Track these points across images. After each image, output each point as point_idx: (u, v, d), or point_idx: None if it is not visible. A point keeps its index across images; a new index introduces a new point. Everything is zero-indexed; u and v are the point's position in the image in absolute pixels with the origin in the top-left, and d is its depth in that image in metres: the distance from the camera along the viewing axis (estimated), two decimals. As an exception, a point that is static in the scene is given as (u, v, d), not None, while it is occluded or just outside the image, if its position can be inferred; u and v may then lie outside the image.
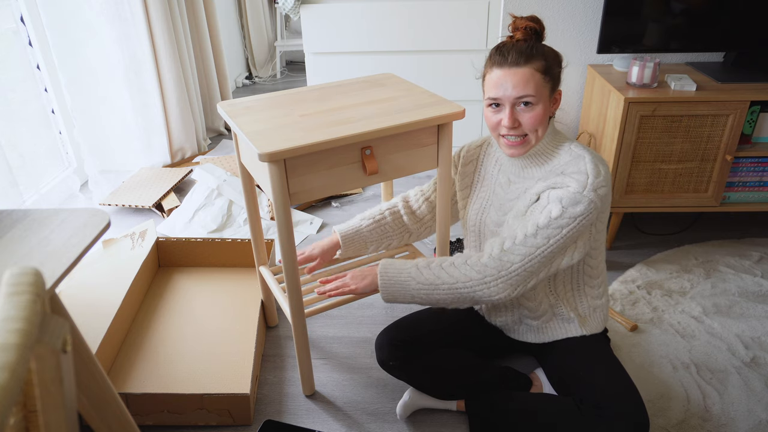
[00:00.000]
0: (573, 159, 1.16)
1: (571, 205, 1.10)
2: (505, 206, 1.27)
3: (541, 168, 1.22)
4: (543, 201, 1.15)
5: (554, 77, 1.16)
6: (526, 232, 1.13)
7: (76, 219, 0.91)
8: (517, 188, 1.25)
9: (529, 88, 1.13)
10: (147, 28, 2.56)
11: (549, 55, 1.15)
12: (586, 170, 1.12)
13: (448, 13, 2.46)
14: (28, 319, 0.50)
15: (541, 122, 1.16)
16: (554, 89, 1.17)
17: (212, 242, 1.84)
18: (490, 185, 1.33)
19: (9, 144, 2.18)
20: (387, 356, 1.31)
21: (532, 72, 1.12)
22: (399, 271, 1.19)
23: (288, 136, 1.14)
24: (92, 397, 0.97)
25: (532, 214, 1.16)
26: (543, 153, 1.21)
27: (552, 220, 1.11)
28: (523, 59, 1.12)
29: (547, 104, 1.16)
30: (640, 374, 1.49)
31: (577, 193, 1.10)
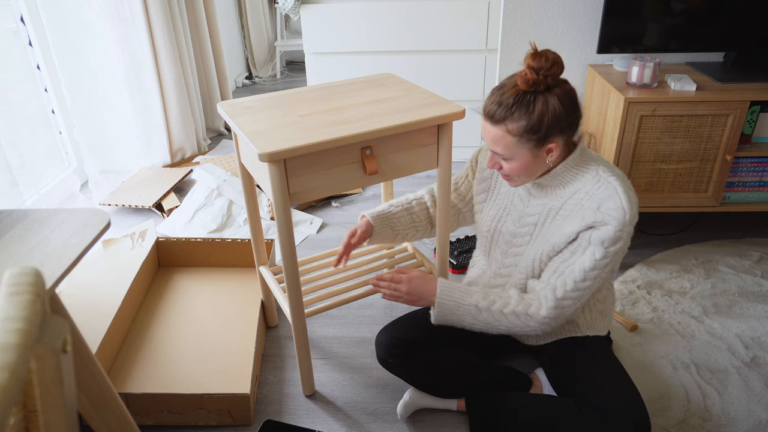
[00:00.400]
0: (603, 188, 1.13)
1: (612, 245, 1.11)
2: (524, 219, 1.26)
3: (565, 189, 1.19)
4: (584, 242, 1.14)
5: (540, 136, 1.10)
6: (575, 278, 1.15)
7: (76, 219, 0.91)
8: (538, 204, 1.23)
9: (498, 147, 1.14)
10: (147, 28, 2.56)
11: (537, 115, 1.08)
12: (622, 205, 1.09)
13: (448, 13, 2.46)
14: (28, 319, 0.50)
15: (521, 172, 1.16)
16: (541, 144, 1.12)
17: (212, 242, 1.84)
18: (508, 194, 1.31)
19: (9, 144, 2.18)
20: (387, 354, 1.31)
21: (503, 134, 1.11)
22: (458, 305, 1.20)
23: (288, 136, 1.14)
24: (92, 397, 0.97)
25: (574, 254, 1.16)
26: (563, 176, 1.18)
27: (596, 262, 1.13)
28: (499, 117, 1.10)
29: (527, 159, 1.13)
30: (640, 374, 1.49)
31: (617, 231, 1.10)
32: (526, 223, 1.26)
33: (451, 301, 1.20)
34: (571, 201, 1.18)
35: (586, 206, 1.15)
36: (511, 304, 1.19)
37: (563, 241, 1.17)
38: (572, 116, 1.12)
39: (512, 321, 1.19)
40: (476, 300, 1.20)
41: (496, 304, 1.19)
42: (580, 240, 1.15)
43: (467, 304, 1.20)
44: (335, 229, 2.25)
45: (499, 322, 1.19)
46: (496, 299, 1.20)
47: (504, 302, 1.20)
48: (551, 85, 1.09)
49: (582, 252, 1.14)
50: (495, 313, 1.19)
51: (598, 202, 1.13)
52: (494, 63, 2.53)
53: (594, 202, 1.13)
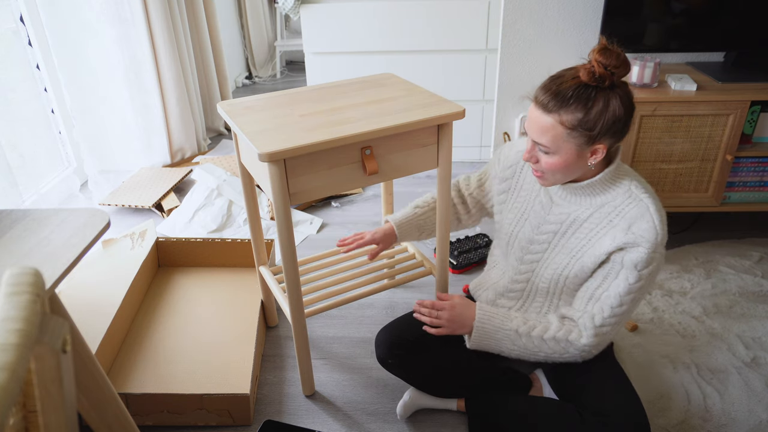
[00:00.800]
0: (635, 206, 1.09)
1: (645, 267, 1.08)
2: (543, 227, 1.22)
3: (593, 199, 1.15)
4: (616, 266, 1.11)
5: (592, 133, 1.04)
6: (611, 304, 1.12)
7: (75, 219, 0.91)
8: (561, 212, 1.19)
9: (544, 138, 1.07)
10: (147, 28, 2.56)
11: (596, 112, 1.02)
12: (654, 226, 1.06)
13: (448, 13, 2.46)
14: (27, 319, 0.50)
15: (559, 170, 1.10)
16: (590, 143, 1.06)
17: (212, 242, 1.84)
18: (528, 199, 1.27)
19: (9, 144, 2.18)
20: (387, 354, 1.31)
21: (554, 124, 1.05)
22: (497, 330, 1.18)
23: (288, 136, 1.14)
24: (92, 397, 0.97)
25: (607, 279, 1.13)
26: (595, 186, 1.14)
27: (631, 286, 1.10)
28: (553, 105, 1.04)
29: (571, 157, 1.07)
30: (641, 374, 1.49)
31: (650, 253, 1.06)
32: (545, 231, 1.22)
33: (491, 326, 1.18)
34: (597, 214, 1.14)
35: (615, 224, 1.11)
36: (551, 330, 1.16)
37: (593, 262, 1.14)
38: (628, 121, 1.07)
39: (552, 347, 1.16)
40: (516, 325, 1.18)
41: (536, 330, 1.17)
42: (612, 263, 1.11)
43: (507, 329, 1.18)
44: (335, 229, 2.25)
45: (538, 348, 1.17)
46: (536, 324, 1.18)
47: (544, 327, 1.17)
48: (614, 85, 1.04)
49: (615, 276, 1.11)
50: (535, 339, 1.17)
51: (629, 221, 1.09)
52: (494, 63, 2.53)
53: (625, 221, 1.09)
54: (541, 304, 1.28)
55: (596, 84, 1.02)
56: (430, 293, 1.84)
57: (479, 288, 1.43)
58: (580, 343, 1.15)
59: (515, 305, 1.33)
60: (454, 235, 2.14)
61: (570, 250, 1.18)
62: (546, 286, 1.24)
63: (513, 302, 1.33)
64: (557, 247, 1.21)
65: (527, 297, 1.30)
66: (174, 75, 2.72)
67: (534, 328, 1.18)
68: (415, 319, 1.35)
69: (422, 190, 2.53)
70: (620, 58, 1.01)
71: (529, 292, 1.29)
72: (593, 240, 1.14)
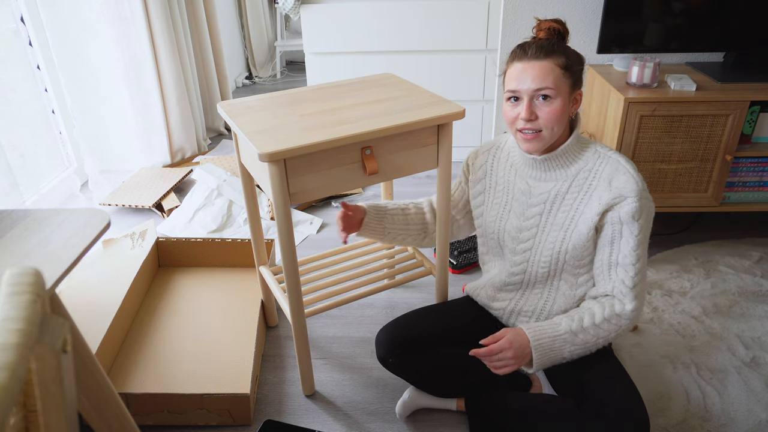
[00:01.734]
0: (606, 163, 1.17)
1: (641, 215, 1.14)
2: (528, 211, 1.25)
3: (568, 169, 1.21)
4: (616, 226, 1.15)
5: (575, 75, 1.16)
6: (632, 262, 1.16)
7: (76, 219, 0.91)
8: (541, 192, 1.24)
9: (547, 80, 1.13)
10: (147, 28, 2.56)
11: (570, 54, 1.16)
12: (632, 176, 1.13)
13: (448, 13, 2.46)
14: (28, 319, 0.50)
15: (558, 118, 1.15)
16: (574, 88, 1.17)
17: (212, 242, 1.84)
18: (507, 191, 1.30)
19: (9, 144, 2.18)
20: (387, 353, 1.31)
21: (552, 66, 1.13)
22: (552, 339, 1.19)
23: (288, 136, 1.14)
24: (92, 397, 0.97)
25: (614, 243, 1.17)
26: (568, 154, 1.20)
27: (637, 238, 1.15)
28: (543, 53, 1.14)
29: (566, 101, 1.15)
30: (640, 374, 1.49)
31: (639, 201, 1.12)
32: (532, 215, 1.25)
33: (547, 339, 1.19)
34: (576, 183, 1.20)
35: (596, 185, 1.17)
36: (597, 313, 1.18)
37: (588, 226, 1.17)
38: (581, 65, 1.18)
39: (607, 328, 1.18)
40: (566, 326, 1.19)
41: (585, 320, 1.18)
42: (611, 225, 1.16)
43: (561, 333, 1.18)
44: (335, 229, 2.25)
45: (596, 337, 1.19)
46: (582, 315, 1.19)
47: (590, 314, 1.19)
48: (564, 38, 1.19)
49: (620, 236, 1.16)
50: (590, 329, 1.18)
51: (607, 179, 1.16)
52: (494, 63, 2.53)
53: (604, 180, 1.16)
54: (540, 291, 1.29)
55: (558, 37, 1.17)
56: (430, 293, 1.84)
57: (476, 288, 1.43)
58: (627, 310, 1.18)
59: (514, 297, 1.34)
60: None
61: (561, 225, 1.21)
62: (545, 270, 1.25)
63: (512, 294, 1.34)
64: (547, 226, 1.23)
65: (526, 286, 1.31)
66: (174, 75, 2.72)
67: (582, 319, 1.19)
68: (414, 317, 1.35)
69: (422, 190, 2.53)
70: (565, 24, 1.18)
71: (528, 281, 1.30)
72: (581, 207, 1.19)
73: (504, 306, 1.36)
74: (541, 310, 1.31)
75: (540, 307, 1.31)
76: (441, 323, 1.38)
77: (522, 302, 1.33)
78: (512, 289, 1.33)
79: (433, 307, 1.45)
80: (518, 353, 1.17)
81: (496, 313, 1.39)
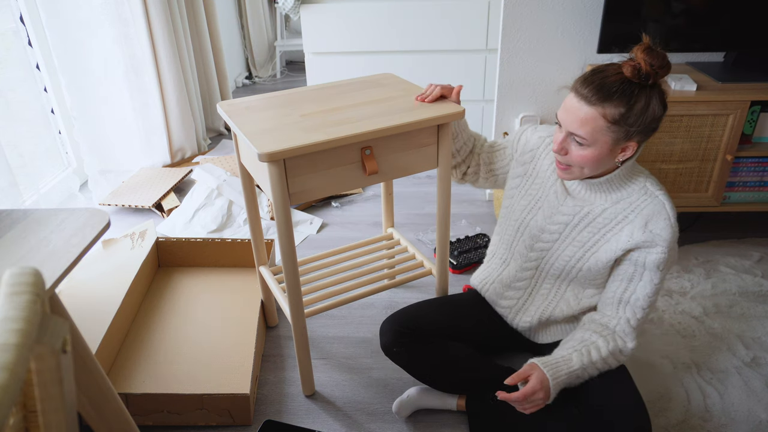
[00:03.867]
0: (651, 202, 1.13)
1: (666, 267, 1.13)
2: (555, 217, 1.23)
3: (608, 195, 1.18)
4: (639, 268, 1.14)
5: (630, 129, 1.06)
6: (642, 305, 1.17)
7: (75, 219, 0.91)
8: (575, 205, 1.21)
9: (583, 129, 1.07)
10: (147, 28, 2.56)
11: (635, 106, 1.04)
12: (670, 224, 1.10)
13: (448, 13, 2.46)
14: (27, 319, 0.50)
15: (587, 164, 1.11)
16: (625, 140, 1.08)
17: (212, 242, 1.84)
18: (543, 186, 1.27)
19: (9, 144, 2.18)
20: (392, 342, 1.31)
21: (596, 116, 1.05)
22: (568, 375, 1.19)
23: (288, 136, 1.14)
24: (92, 397, 0.97)
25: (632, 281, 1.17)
26: (612, 182, 1.17)
27: (656, 286, 1.15)
28: (597, 99, 1.04)
29: (605, 151, 1.08)
30: (640, 374, 1.49)
31: (668, 252, 1.11)
32: (557, 221, 1.23)
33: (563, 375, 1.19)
34: (612, 209, 1.16)
35: (632, 220, 1.14)
36: (602, 348, 1.19)
37: (609, 257, 1.16)
38: (661, 121, 1.09)
39: (610, 362, 1.19)
40: (578, 361, 1.18)
41: (593, 354, 1.19)
42: (633, 264, 1.15)
43: (574, 369, 1.18)
44: (335, 229, 2.25)
45: (602, 368, 1.20)
46: (590, 349, 1.19)
47: (596, 349, 1.19)
48: (656, 84, 1.06)
49: (640, 278, 1.15)
50: (597, 363, 1.19)
51: (645, 218, 1.12)
52: (494, 63, 2.53)
53: (641, 218, 1.12)
54: (548, 291, 1.30)
55: (639, 81, 1.04)
56: (430, 293, 1.84)
57: (485, 282, 1.43)
58: (628, 348, 1.19)
59: (522, 295, 1.34)
60: (454, 235, 2.14)
61: (582, 244, 1.20)
62: (557, 274, 1.26)
63: (521, 292, 1.34)
64: (567, 238, 1.22)
65: (535, 285, 1.32)
66: (174, 75, 2.72)
67: (590, 353, 1.19)
68: (419, 308, 1.36)
69: (422, 190, 2.53)
70: (665, 59, 1.03)
71: (537, 279, 1.31)
72: (608, 235, 1.16)
73: (511, 305, 1.36)
74: (543, 312, 1.31)
75: (542, 309, 1.31)
76: (446, 316, 1.38)
77: (528, 302, 1.33)
78: (521, 287, 1.34)
79: (439, 299, 1.44)
80: (547, 393, 1.16)
81: (502, 311, 1.40)
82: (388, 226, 1.75)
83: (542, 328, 1.35)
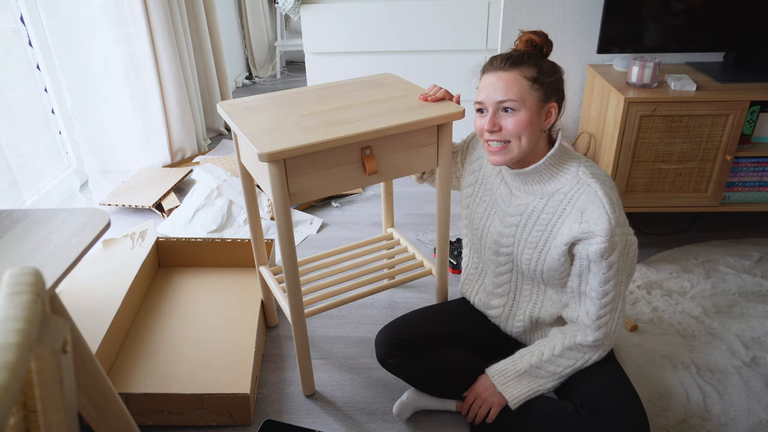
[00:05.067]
0: (584, 192, 1.12)
1: (610, 254, 1.10)
2: (507, 220, 1.25)
3: (543, 187, 1.19)
4: (584, 261, 1.14)
5: (546, 87, 1.12)
6: (597, 296, 1.15)
7: (76, 219, 0.91)
8: (519, 203, 1.23)
9: (511, 92, 1.11)
10: (147, 28, 2.56)
11: (543, 65, 1.13)
12: (605, 212, 1.08)
13: (448, 13, 2.46)
14: (28, 319, 0.50)
15: (524, 129, 1.13)
16: (545, 100, 1.13)
17: (212, 242, 1.84)
18: (492, 193, 1.30)
19: (9, 144, 2.18)
20: (386, 354, 1.31)
21: (517, 77, 1.11)
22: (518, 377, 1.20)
23: (288, 136, 1.14)
24: (92, 397, 0.97)
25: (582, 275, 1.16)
26: (545, 170, 1.18)
27: (605, 276, 1.13)
28: (510, 64, 1.13)
29: (533, 113, 1.12)
30: (640, 374, 1.49)
31: (608, 240, 1.08)
32: (509, 224, 1.25)
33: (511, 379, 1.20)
34: (551, 203, 1.17)
35: (568, 213, 1.14)
36: (558, 345, 1.20)
37: (558, 253, 1.17)
38: (563, 88, 1.17)
39: (572, 356, 1.19)
40: (527, 362, 1.20)
41: (546, 353, 1.20)
42: (579, 259, 1.15)
43: (522, 370, 1.19)
44: (335, 229, 2.26)
45: (561, 366, 1.20)
46: (543, 349, 1.21)
47: (551, 346, 1.20)
48: (545, 54, 1.17)
49: (588, 271, 1.15)
50: (552, 360, 1.19)
51: (580, 209, 1.12)
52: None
53: (576, 209, 1.13)
54: (529, 292, 1.30)
55: (535, 51, 1.15)
56: (430, 293, 1.84)
57: (471, 294, 1.45)
58: (588, 340, 1.18)
59: (507, 301, 1.35)
60: (454, 235, 2.14)
61: (535, 244, 1.21)
62: (529, 278, 1.28)
63: (504, 298, 1.35)
64: (521, 242, 1.23)
65: (516, 288, 1.32)
66: (174, 75, 2.72)
67: (543, 352, 1.21)
68: (414, 318, 1.36)
69: (422, 190, 2.53)
70: (547, 37, 1.17)
71: (516, 282, 1.31)
72: (554, 231, 1.17)
73: (499, 313, 1.37)
74: (531, 313, 1.32)
75: (530, 311, 1.32)
76: (441, 324, 1.39)
77: (515, 307, 1.34)
78: (503, 293, 1.35)
79: (433, 307, 1.45)
80: (488, 399, 1.23)
81: (493, 320, 1.41)
82: (388, 226, 1.75)
83: (536, 331, 1.35)
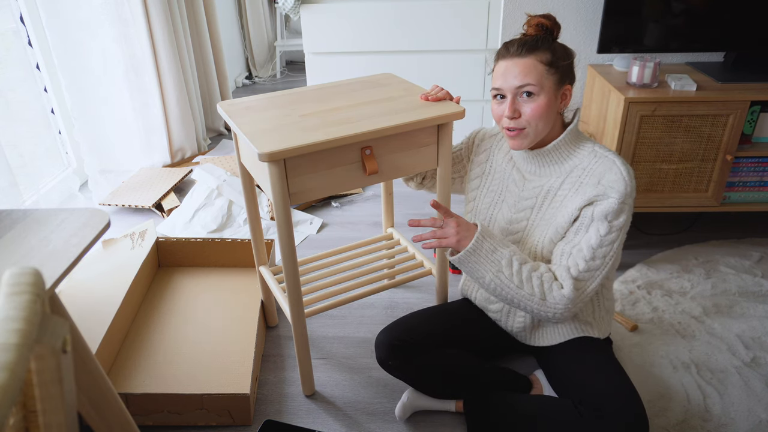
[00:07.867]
0: (601, 162, 1.16)
1: (616, 218, 1.11)
2: (520, 204, 1.27)
3: (561, 166, 1.21)
4: (586, 219, 1.14)
5: (562, 71, 1.15)
6: (584, 256, 1.13)
7: (76, 219, 0.91)
8: (534, 187, 1.24)
9: (529, 77, 1.13)
10: (147, 28, 2.56)
11: (557, 49, 1.15)
12: (623, 177, 1.11)
13: (448, 13, 2.46)
14: (27, 319, 0.50)
15: (542, 115, 1.15)
16: (561, 83, 1.16)
17: (212, 242, 1.84)
18: (502, 180, 1.32)
19: (9, 144, 2.18)
20: (386, 356, 1.31)
21: (535, 63, 1.13)
22: (493, 249, 1.14)
23: (288, 136, 1.14)
24: (92, 397, 0.97)
25: (578, 233, 1.15)
26: (561, 150, 1.20)
27: (602, 238, 1.12)
28: (526, 50, 1.14)
29: (551, 97, 1.15)
30: (640, 374, 1.49)
31: (619, 203, 1.10)
32: (523, 208, 1.26)
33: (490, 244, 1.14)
34: (569, 179, 1.20)
35: (586, 182, 1.16)
36: (541, 270, 1.15)
37: (566, 220, 1.17)
38: (574, 71, 1.19)
39: (533, 289, 1.13)
40: (511, 252, 1.14)
41: (526, 266, 1.14)
42: (582, 218, 1.15)
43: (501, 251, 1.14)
44: (335, 229, 2.26)
45: (519, 287, 1.13)
46: (528, 260, 1.16)
47: (535, 266, 1.15)
48: (556, 38, 1.18)
49: (586, 230, 1.14)
50: (523, 272, 1.13)
51: (598, 177, 1.15)
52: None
53: (594, 177, 1.15)
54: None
55: (545, 35, 1.17)
56: (430, 293, 1.84)
57: (471, 291, 1.45)
58: (562, 293, 1.12)
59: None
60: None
61: (548, 221, 1.21)
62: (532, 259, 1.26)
63: None
64: (536, 220, 1.24)
65: None
66: (174, 75, 2.72)
67: (525, 262, 1.15)
68: (414, 320, 1.35)
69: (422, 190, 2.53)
70: (555, 20, 1.18)
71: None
72: (566, 202, 1.18)
73: (499, 309, 1.37)
74: None
75: None
76: (440, 326, 1.38)
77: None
78: None
79: (432, 309, 1.45)
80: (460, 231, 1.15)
81: (493, 315, 1.40)
82: (388, 226, 1.75)
83: (536, 328, 1.35)
